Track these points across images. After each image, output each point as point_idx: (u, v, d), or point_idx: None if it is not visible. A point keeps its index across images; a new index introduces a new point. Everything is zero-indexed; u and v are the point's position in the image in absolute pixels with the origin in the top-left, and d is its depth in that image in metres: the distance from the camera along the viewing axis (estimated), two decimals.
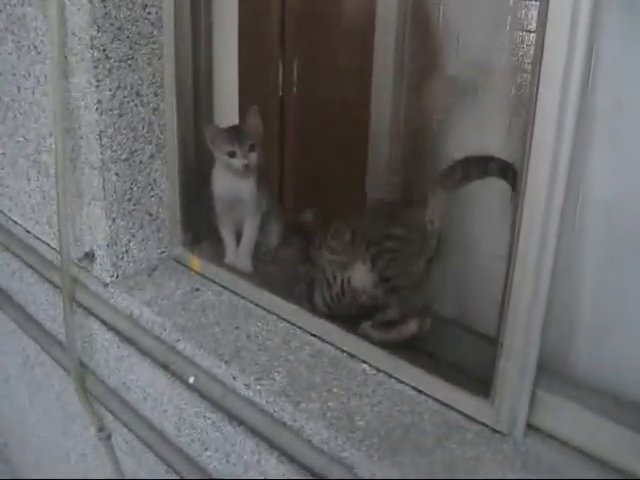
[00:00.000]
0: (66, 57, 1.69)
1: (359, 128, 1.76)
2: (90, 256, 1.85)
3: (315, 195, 2.08)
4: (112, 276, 1.83)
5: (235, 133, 1.75)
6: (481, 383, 1.31)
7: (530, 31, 1.34)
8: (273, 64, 2.10)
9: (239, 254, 1.88)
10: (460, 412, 1.33)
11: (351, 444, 1.27)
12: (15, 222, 2.21)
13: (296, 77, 2.07)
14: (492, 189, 1.42)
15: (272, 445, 1.42)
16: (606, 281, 1.21)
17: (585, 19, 1.05)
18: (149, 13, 1.70)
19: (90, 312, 1.89)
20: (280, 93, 2.14)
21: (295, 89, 2.11)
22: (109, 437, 2.03)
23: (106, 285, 1.84)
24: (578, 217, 1.20)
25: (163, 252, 1.93)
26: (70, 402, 2.17)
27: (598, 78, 1.13)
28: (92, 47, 1.61)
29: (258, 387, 1.43)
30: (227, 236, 1.89)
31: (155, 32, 1.73)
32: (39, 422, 2.46)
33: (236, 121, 1.88)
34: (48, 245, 2.05)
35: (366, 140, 1.76)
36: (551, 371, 1.26)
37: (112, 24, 1.64)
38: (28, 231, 2.15)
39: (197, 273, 1.88)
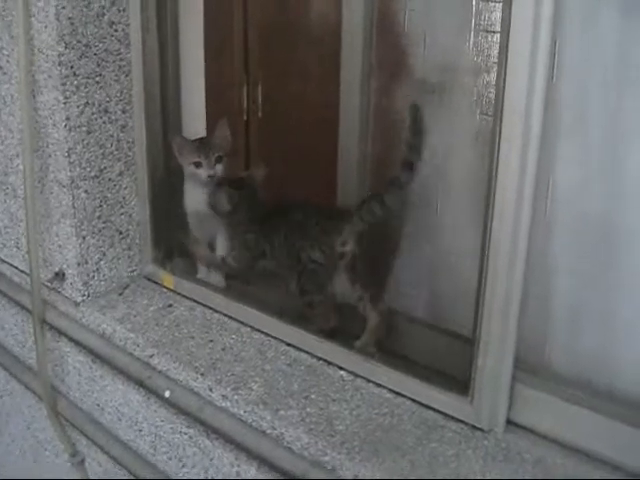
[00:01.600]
0: (33, 75, 1.69)
1: (327, 145, 1.76)
2: (60, 276, 1.83)
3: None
4: (83, 295, 1.81)
5: (202, 144, 1.76)
6: (458, 382, 1.32)
7: (494, 32, 1.37)
8: (237, 86, 2.10)
9: (211, 269, 1.87)
10: (439, 411, 1.34)
11: (332, 447, 1.27)
12: None
13: (261, 98, 2.08)
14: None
15: (251, 455, 1.41)
16: (578, 271, 1.23)
17: (547, 15, 1.08)
18: (116, 30, 1.71)
19: (61, 333, 1.87)
20: (245, 116, 2.14)
21: (260, 111, 2.11)
22: (83, 462, 1.99)
23: (77, 305, 1.82)
24: (549, 208, 1.22)
25: (134, 270, 1.92)
26: (41, 429, 2.13)
27: (562, 70, 1.15)
28: (60, 64, 1.62)
29: (235, 397, 1.43)
30: (199, 251, 1.88)
31: (122, 49, 1.73)
32: (9, 452, 2.40)
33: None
34: (16, 268, 2.02)
35: (335, 158, 1.76)
36: (528, 365, 1.28)
37: (79, 41, 1.64)
38: None
39: (169, 289, 1.87)
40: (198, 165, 1.74)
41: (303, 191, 1.76)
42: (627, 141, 1.15)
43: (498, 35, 1.32)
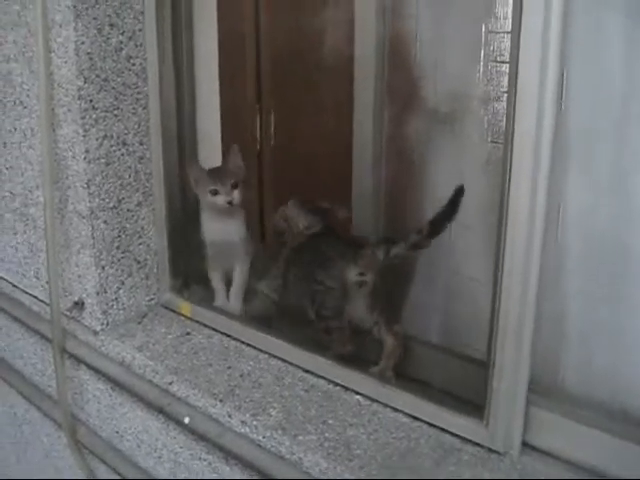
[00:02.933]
0: (53, 109, 1.73)
1: (340, 174, 1.80)
2: (80, 305, 1.86)
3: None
4: (102, 324, 1.84)
5: (217, 172, 1.79)
6: (473, 405, 1.34)
7: (503, 62, 1.40)
8: (251, 117, 2.14)
9: (230, 297, 1.91)
10: (455, 435, 1.35)
11: (350, 472, 1.28)
12: (1, 277, 2.22)
13: (273, 128, 2.11)
14: None
15: None
16: (589, 293, 1.24)
17: (555, 44, 1.11)
18: (133, 64, 1.75)
19: (80, 362, 1.89)
20: (258, 146, 2.18)
21: (272, 140, 2.15)
22: None
23: (96, 333, 1.84)
24: (560, 232, 1.24)
25: (152, 299, 1.94)
26: (60, 457, 2.15)
27: (570, 99, 1.18)
28: (79, 98, 1.66)
29: (254, 423, 1.44)
30: (216, 280, 1.92)
31: (139, 82, 1.78)
32: None
33: None
34: (36, 298, 2.05)
35: (349, 187, 1.78)
36: (542, 388, 1.29)
37: (98, 75, 1.68)
38: (15, 285, 2.15)
39: (187, 318, 1.89)
40: (215, 193, 1.76)
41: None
42: (635, 165, 1.17)
43: (503, 65, 1.37)
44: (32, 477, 2.38)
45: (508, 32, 1.34)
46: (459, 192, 1.48)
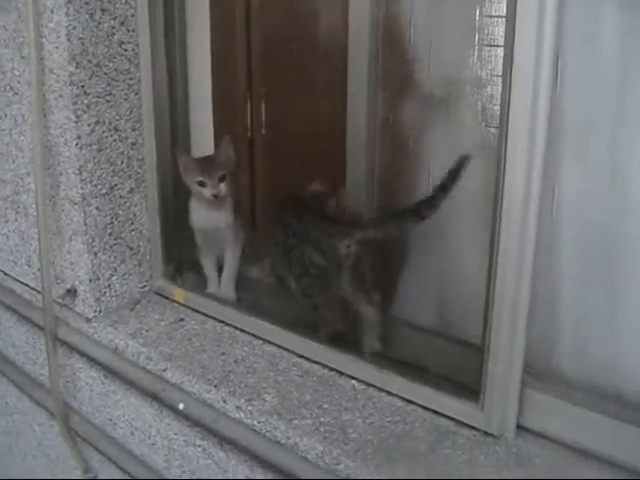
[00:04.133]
0: (44, 95, 1.72)
1: (335, 159, 1.79)
2: (72, 293, 1.85)
3: None
4: (95, 311, 1.83)
5: (206, 163, 1.79)
6: (468, 389, 1.35)
7: (498, 46, 1.40)
8: (242, 104, 2.13)
9: (222, 284, 1.91)
10: (450, 418, 1.36)
11: (346, 456, 1.28)
12: None
13: (264, 115, 2.10)
14: None
15: (266, 465, 1.42)
16: (584, 278, 1.25)
17: (550, 30, 1.11)
18: (125, 50, 1.74)
19: (73, 349, 1.89)
20: (249, 133, 2.16)
21: (263, 128, 2.13)
22: (96, 478, 2.00)
23: (89, 320, 1.84)
24: (554, 217, 1.24)
25: (145, 285, 1.94)
26: (53, 446, 2.14)
27: (565, 82, 1.18)
28: (71, 83, 1.65)
29: (249, 408, 1.44)
30: (208, 266, 1.92)
31: (132, 68, 1.77)
32: (21, 470, 2.41)
33: None
34: (27, 285, 2.04)
35: (343, 171, 1.78)
36: (537, 371, 1.30)
37: (90, 61, 1.67)
38: (6, 273, 2.14)
39: (180, 304, 1.89)
40: (202, 184, 1.77)
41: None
42: (630, 150, 1.17)
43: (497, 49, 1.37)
44: (25, 467, 2.37)
45: (503, 16, 1.33)
46: (461, 162, 1.42)
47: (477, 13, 1.44)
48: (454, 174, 1.42)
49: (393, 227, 1.55)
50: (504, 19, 1.26)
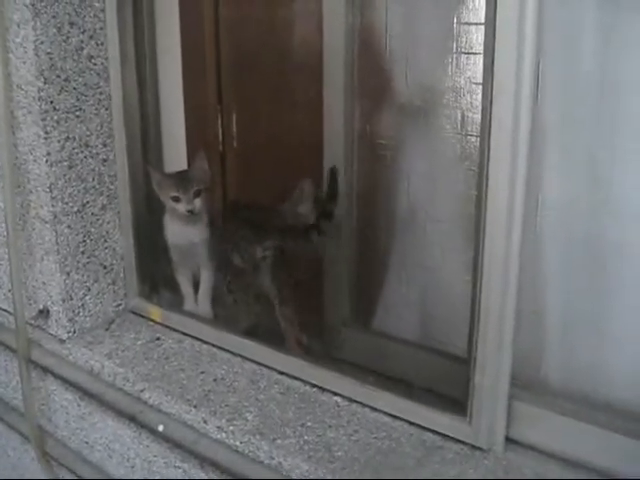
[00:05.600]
0: (12, 112, 1.68)
1: (311, 173, 1.76)
2: (45, 313, 1.81)
3: None
4: (69, 332, 1.78)
5: (180, 178, 1.75)
6: (455, 402, 1.32)
7: (476, 53, 1.39)
8: (213, 117, 2.10)
9: (198, 300, 1.87)
10: (438, 433, 1.33)
11: (332, 474, 1.26)
12: None
13: (236, 128, 2.08)
14: None
15: None
16: (569, 287, 1.24)
17: (531, 36, 1.10)
18: (95, 64, 1.71)
19: (47, 371, 1.84)
20: (220, 147, 2.14)
21: (235, 142, 2.11)
22: None
23: (63, 342, 1.79)
24: (539, 225, 1.23)
25: (120, 304, 1.90)
26: (28, 470, 2.09)
27: (546, 90, 1.17)
28: (39, 99, 1.61)
29: (231, 428, 1.41)
30: (184, 283, 1.88)
31: (101, 83, 1.73)
32: None
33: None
34: None
35: (320, 186, 1.76)
36: (524, 382, 1.28)
37: (58, 76, 1.63)
38: None
39: (156, 322, 1.85)
40: (177, 200, 1.73)
41: None
42: (613, 156, 1.16)
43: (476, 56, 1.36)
44: None
45: (480, 24, 1.32)
46: (333, 174, 1.63)
47: (454, 21, 1.43)
48: (333, 186, 1.63)
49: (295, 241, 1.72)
50: (482, 26, 1.24)
